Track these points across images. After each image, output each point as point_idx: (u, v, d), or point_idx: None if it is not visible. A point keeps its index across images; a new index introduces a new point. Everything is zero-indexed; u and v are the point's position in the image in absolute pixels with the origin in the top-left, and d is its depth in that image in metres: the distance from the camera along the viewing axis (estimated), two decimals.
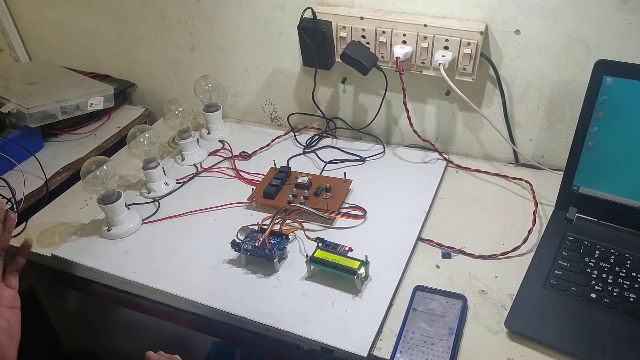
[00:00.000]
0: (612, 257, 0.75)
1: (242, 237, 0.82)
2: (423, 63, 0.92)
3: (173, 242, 0.86)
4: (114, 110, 1.20)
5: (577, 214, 0.82)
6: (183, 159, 1.03)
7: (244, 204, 0.92)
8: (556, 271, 0.74)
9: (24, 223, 0.91)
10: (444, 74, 0.88)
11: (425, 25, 0.88)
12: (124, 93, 1.23)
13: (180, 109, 1.01)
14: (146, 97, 1.28)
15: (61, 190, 1.00)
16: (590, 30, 0.82)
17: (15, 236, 0.88)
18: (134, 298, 0.85)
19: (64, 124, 1.12)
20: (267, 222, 0.85)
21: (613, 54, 0.82)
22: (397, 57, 0.90)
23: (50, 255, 0.85)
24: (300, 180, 0.92)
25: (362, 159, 1.01)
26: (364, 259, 0.75)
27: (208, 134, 1.10)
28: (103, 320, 1.01)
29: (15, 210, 0.92)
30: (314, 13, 0.94)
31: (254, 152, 1.05)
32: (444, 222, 0.87)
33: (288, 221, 0.87)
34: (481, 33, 0.86)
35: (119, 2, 1.14)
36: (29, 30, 1.30)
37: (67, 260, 0.84)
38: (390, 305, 0.73)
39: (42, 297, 1.00)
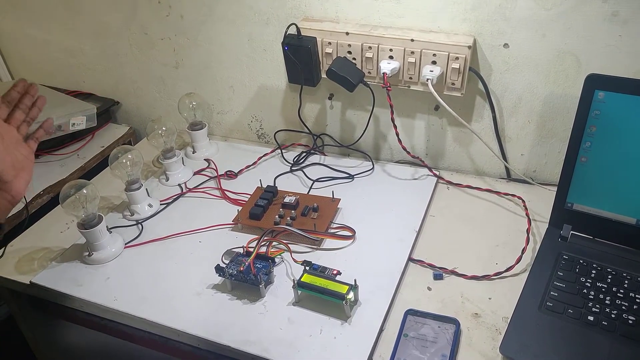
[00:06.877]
0: (609, 276, 0.72)
1: (226, 261, 0.79)
2: (411, 78, 0.90)
3: (156, 267, 0.83)
4: (98, 129, 1.17)
5: (571, 232, 0.80)
6: (167, 179, 1.01)
7: (230, 226, 0.89)
8: (552, 292, 0.71)
9: (3, 249, 0.88)
10: (432, 89, 0.86)
11: (412, 40, 0.87)
12: (107, 111, 1.21)
13: (164, 128, 0.99)
14: (131, 115, 1.25)
15: (42, 214, 0.97)
16: (580, 43, 0.81)
17: None
18: (117, 325, 0.81)
19: (45, 145, 1.09)
20: (253, 244, 0.82)
21: (604, 67, 0.81)
22: (384, 73, 0.88)
23: (28, 282, 0.82)
24: (287, 200, 0.90)
25: (351, 177, 0.99)
26: (353, 283, 0.72)
27: (193, 153, 1.08)
28: (85, 348, 0.98)
29: None
30: (298, 29, 0.92)
31: (240, 171, 1.03)
32: (435, 242, 0.85)
33: (274, 243, 0.84)
34: (469, 47, 0.84)
35: (101, 20, 1.12)
36: (11, 48, 1.28)
37: (46, 287, 0.81)
38: (381, 330, 0.71)
39: (23, 326, 0.97)
